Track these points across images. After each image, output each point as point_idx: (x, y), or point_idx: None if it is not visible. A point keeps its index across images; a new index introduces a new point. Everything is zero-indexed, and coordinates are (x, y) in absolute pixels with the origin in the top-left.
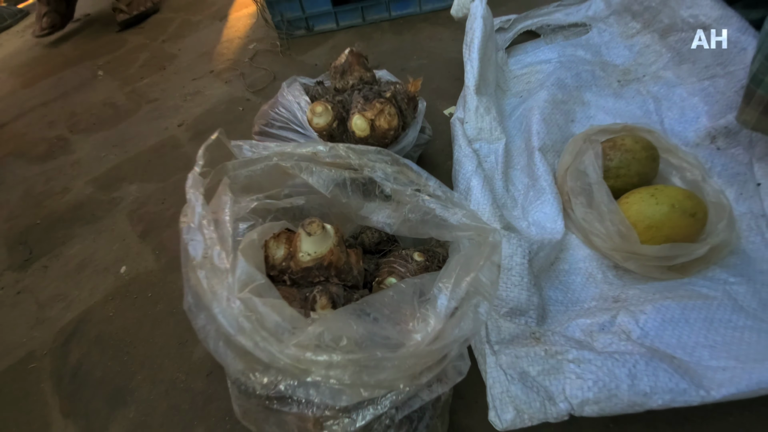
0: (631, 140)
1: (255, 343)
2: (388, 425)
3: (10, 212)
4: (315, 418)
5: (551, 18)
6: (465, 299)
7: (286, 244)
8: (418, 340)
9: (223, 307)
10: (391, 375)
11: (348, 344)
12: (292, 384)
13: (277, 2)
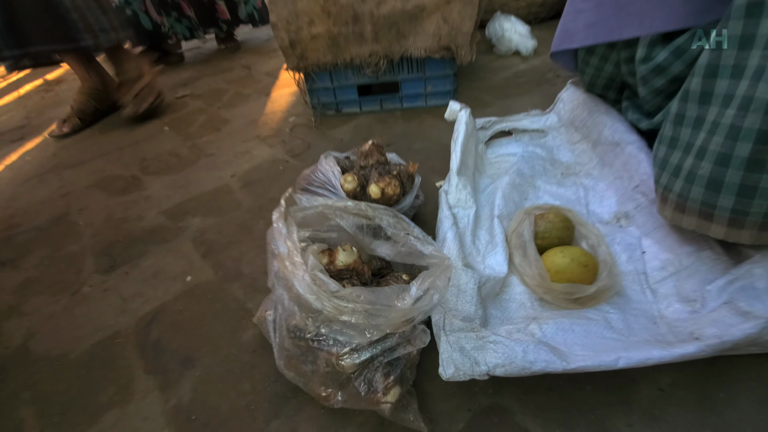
0: (554, 215)
1: (316, 297)
2: (377, 365)
3: (94, 231)
4: (336, 354)
5: (520, 123)
6: (426, 291)
7: (328, 256)
8: (399, 307)
9: (300, 280)
10: (383, 322)
11: (363, 300)
12: (330, 327)
13: (316, 90)
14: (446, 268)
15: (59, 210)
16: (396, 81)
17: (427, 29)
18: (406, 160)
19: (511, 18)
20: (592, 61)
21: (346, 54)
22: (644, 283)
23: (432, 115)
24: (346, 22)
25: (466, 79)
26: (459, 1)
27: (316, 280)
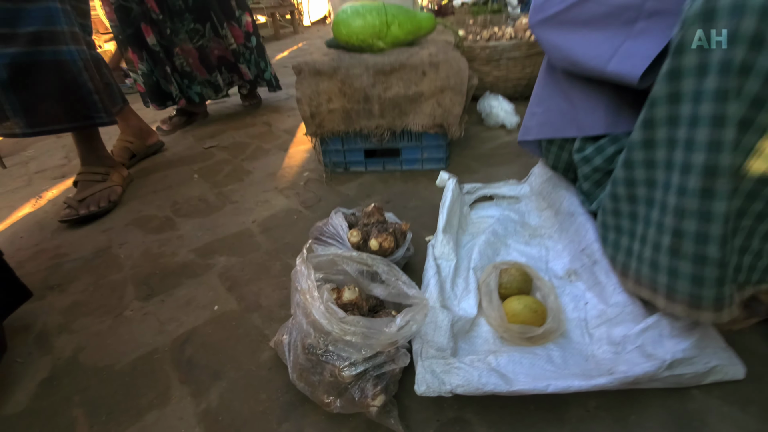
0: (515, 270)
1: (328, 321)
2: (368, 377)
3: (134, 263)
4: (338, 367)
5: (499, 190)
6: (408, 323)
7: (336, 293)
8: (387, 332)
9: (316, 309)
10: (375, 343)
11: (361, 325)
12: (335, 345)
13: (328, 151)
14: (424, 306)
15: (101, 243)
16: (397, 147)
17: (424, 110)
18: (401, 218)
19: (499, 97)
20: (552, 149)
21: (357, 125)
22: (584, 328)
23: (427, 177)
24: (358, 101)
25: (458, 147)
26: (450, 90)
27: (329, 309)
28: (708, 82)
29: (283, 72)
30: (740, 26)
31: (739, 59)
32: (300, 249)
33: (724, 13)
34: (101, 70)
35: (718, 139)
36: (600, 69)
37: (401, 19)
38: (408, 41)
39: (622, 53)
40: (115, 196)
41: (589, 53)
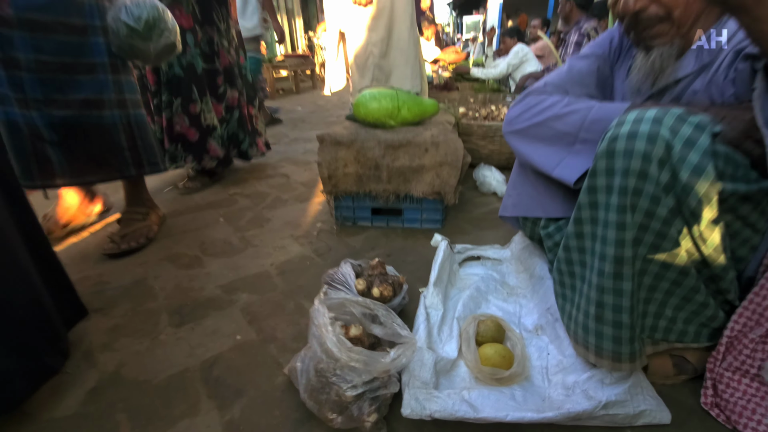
0: (491, 322)
1: (338, 349)
2: (365, 398)
3: (167, 294)
4: (341, 389)
5: (486, 252)
6: (399, 356)
7: (344, 329)
8: (382, 362)
9: (329, 339)
10: (372, 369)
11: (363, 355)
12: (342, 370)
13: (340, 207)
14: (413, 344)
15: (139, 275)
16: (400, 208)
17: (425, 180)
18: (400, 270)
19: (492, 168)
20: (527, 224)
21: (367, 188)
22: (545, 374)
23: (425, 235)
24: (369, 168)
25: (454, 210)
26: (448, 165)
27: (339, 341)
28: (613, 198)
29: (301, 126)
30: (631, 164)
31: (631, 185)
32: (312, 292)
33: (620, 154)
34: (141, 131)
35: (622, 239)
36: (548, 172)
37: (410, 104)
38: (415, 122)
39: (563, 164)
40: (152, 234)
41: (542, 161)
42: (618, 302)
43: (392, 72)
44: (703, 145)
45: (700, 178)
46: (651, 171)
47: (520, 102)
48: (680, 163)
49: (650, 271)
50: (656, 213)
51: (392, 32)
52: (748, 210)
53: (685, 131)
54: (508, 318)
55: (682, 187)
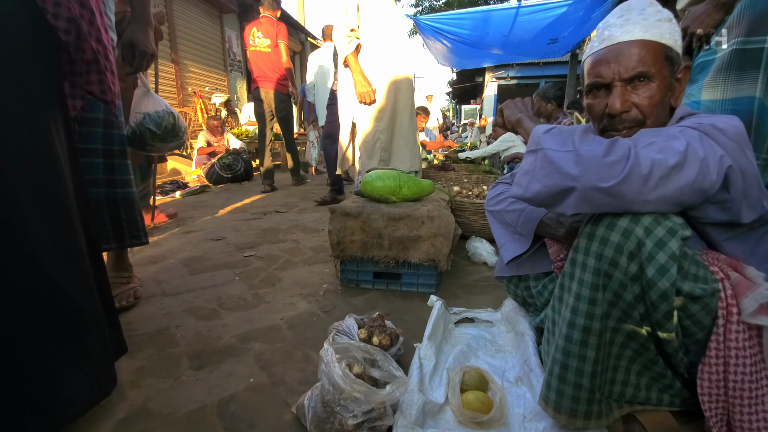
0: (475, 372)
1: (344, 383)
2: (364, 427)
3: (188, 341)
4: (344, 418)
5: (479, 315)
6: (393, 391)
7: (349, 369)
8: (380, 394)
9: (337, 374)
10: (371, 401)
11: (364, 389)
12: (346, 401)
13: (345, 270)
14: (405, 383)
15: (162, 324)
16: (399, 273)
17: (422, 248)
18: (397, 326)
19: (483, 240)
20: (509, 285)
21: (370, 254)
22: (522, 421)
23: (420, 298)
24: (373, 236)
25: (448, 277)
26: (441, 236)
27: (345, 374)
28: (587, 275)
29: (310, 197)
30: (605, 251)
31: (603, 269)
32: (317, 344)
33: (597, 239)
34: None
35: (592, 312)
36: (499, 248)
37: (410, 184)
38: (414, 198)
39: (505, 247)
40: (138, 294)
41: (497, 238)
42: (581, 367)
43: (394, 153)
44: (672, 249)
45: (663, 278)
46: (621, 261)
47: (492, 188)
48: (648, 260)
49: (616, 342)
50: (623, 296)
51: (395, 121)
52: (696, 309)
53: (658, 233)
54: (494, 371)
55: (647, 281)
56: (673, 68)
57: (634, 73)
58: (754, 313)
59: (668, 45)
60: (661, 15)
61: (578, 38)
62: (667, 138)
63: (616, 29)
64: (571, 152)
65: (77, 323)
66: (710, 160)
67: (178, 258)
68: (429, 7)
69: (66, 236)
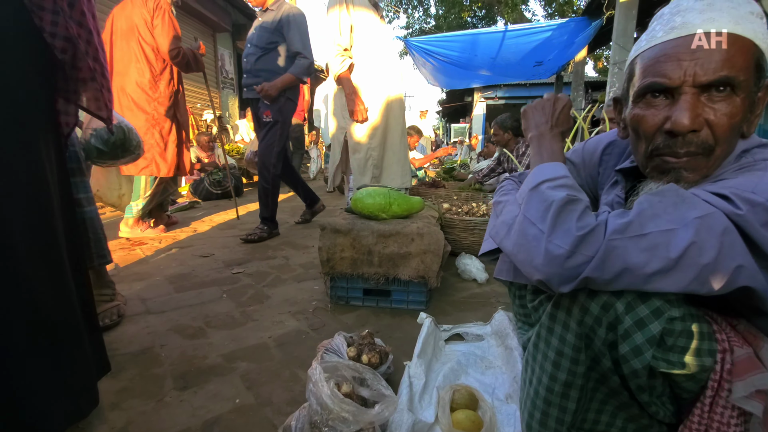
0: (465, 391)
1: (332, 402)
2: None
3: (172, 361)
4: None
5: (469, 329)
6: (382, 411)
7: (337, 387)
8: (369, 414)
9: (325, 394)
10: (360, 420)
11: (353, 408)
12: (334, 421)
13: (335, 287)
14: (394, 402)
15: (146, 343)
16: (389, 289)
17: (411, 265)
18: (386, 344)
19: (472, 257)
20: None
21: (360, 270)
22: None
23: (410, 315)
24: (363, 253)
25: (438, 293)
26: (431, 253)
27: (333, 393)
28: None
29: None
30: (584, 318)
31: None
32: (306, 362)
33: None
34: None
35: (574, 371)
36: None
37: (399, 201)
38: (404, 215)
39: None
40: (123, 311)
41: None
42: (561, 416)
43: (386, 170)
44: (651, 332)
45: (636, 359)
46: (599, 332)
47: (502, 181)
48: (623, 338)
49: (597, 398)
50: (601, 362)
51: (387, 139)
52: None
53: (641, 312)
54: (484, 389)
55: (620, 356)
56: (759, 82)
57: (715, 78)
58: (746, 398)
59: (762, 48)
60: (752, 7)
61: (563, 61)
62: (675, 224)
63: (694, 15)
64: (542, 236)
65: (57, 341)
66: (720, 266)
67: (164, 275)
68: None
69: (50, 253)
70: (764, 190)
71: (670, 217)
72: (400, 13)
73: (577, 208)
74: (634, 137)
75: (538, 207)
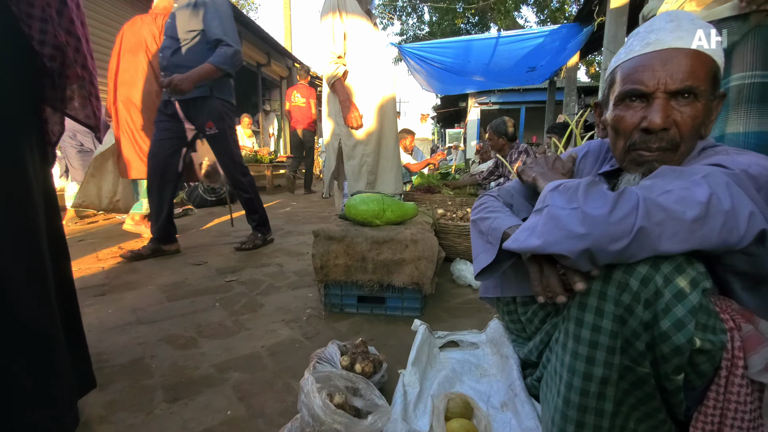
0: (460, 400)
1: (324, 414)
2: None
3: (163, 372)
4: None
5: (464, 337)
6: (375, 421)
7: (329, 398)
8: (362, 425)
9: (317, 405)
10: (354, 430)
11: (345, 419)
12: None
13: (329, 294)
14: (388, 412)
15: (136, 354)
16: (383, 296)
17: (406, 271)
18: (381, 351)
19: (467, 262)
20: (500, 305)
21: (354, 277)
22: None
23: (405, 322)
24: (357, 260)
25: (432, 300)
26: (425, 259)
27: (325, 404)
28: (605, 322)
29: (295, 220)
30: (622, 296)
31: (619, 314)
32: (299, 372)
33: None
34: None
35: (611, 362)
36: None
37: (393, 207)
38: (397, 222)
39: (478, 259)
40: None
41: (474, 251)
42: (599, 423)
43: (380, 176)
44: (692, 302)
45: (679, 333)
46: (637, 310)
47: (479, 198)
48: (664, 312)
49: (620, 387)
50: (634, 345)
51: (381, 145)
52: (702, 360)
53: (679, 283)
54: (479, 397)
55: (660, 333)
56: (715, 91)
57: (682, 86)
58: (761, 371)
59: (718, 63)
60: (711, 28)
61: (555, 66)
62: (688, 184)
63: (666, 33)
64: (576, 209)
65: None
66: (739, 213)
67: (156, 284)
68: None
69: (33, 267)
70: (740, 162)
71: (681, 182)
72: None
73: (602, 185)
74: (613, 135)
75: (563, 195)
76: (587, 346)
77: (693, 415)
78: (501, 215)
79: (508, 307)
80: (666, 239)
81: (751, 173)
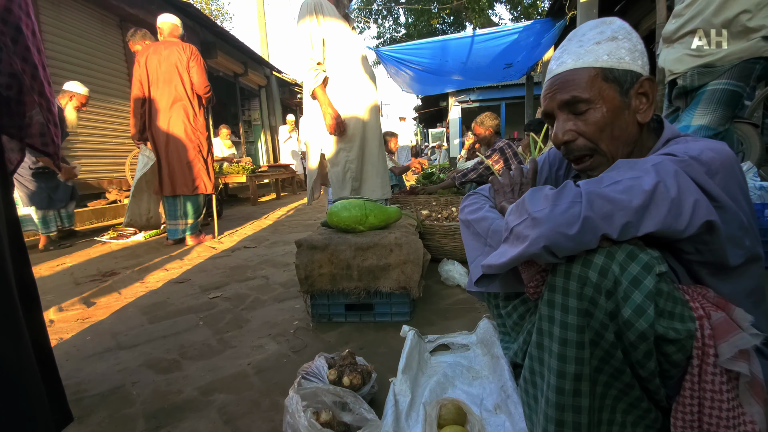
0: (452, 406)
1: None
2: None
3: (144, 399)
4: None
5: (455, 339)
6: (367, 426)
7: (316, 416)
8: None
9: (302, 424)
10: None
11: None
12: None
13: (316, 305)
14: (378, 427)
15: (117, 382)
16: (371, 303)
17: (392, 276)
18: (372, 362)
19: (455, 262)
20: (490, 299)
21: (340, 286)
22: None
23: (395, 328)
24: (342, 268)
25: (421, 303)
26: (411, 263)
27: (311, 424)
28: (571, 318)
29: (281, 230)
30: (584, 290)
31: (583, 308)
32: (287, 388)
33: (575, 278)
34: None
35: (581, 357)
36: (469, 263)
37: (376, 212)
38: (381, 226)
39: (476, 263)
40: None
41: (468, 252)
42: (578, 419)
43: (365, 182)
44: (647, 287)
45: (641, 318)
46: (600, 301)
47: (467, 197)
48: (624, 300)
49: (600, 381)
50: (604, 336)
51: (365, 151)
52: (671, 350)
53: (633, 270)
54: (472, 401)
55: (624, 322)
56: (622, 87)
57: (568, 97)
58: (732, 359)
59: (606, 67)
60: (601, 36)
61: (531, 62)
62: (640, 173)
63: (554, 63)
64: (526, 218)
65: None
66: (684, 201)
67: (136, 305)
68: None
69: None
70: (694, 149)
71: (632, 172)
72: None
73: (544, 189)
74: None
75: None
76: (558, 344)
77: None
78: (500, 216)
79: (495, 300)
80: (612, 226)
81: (703, 159)
